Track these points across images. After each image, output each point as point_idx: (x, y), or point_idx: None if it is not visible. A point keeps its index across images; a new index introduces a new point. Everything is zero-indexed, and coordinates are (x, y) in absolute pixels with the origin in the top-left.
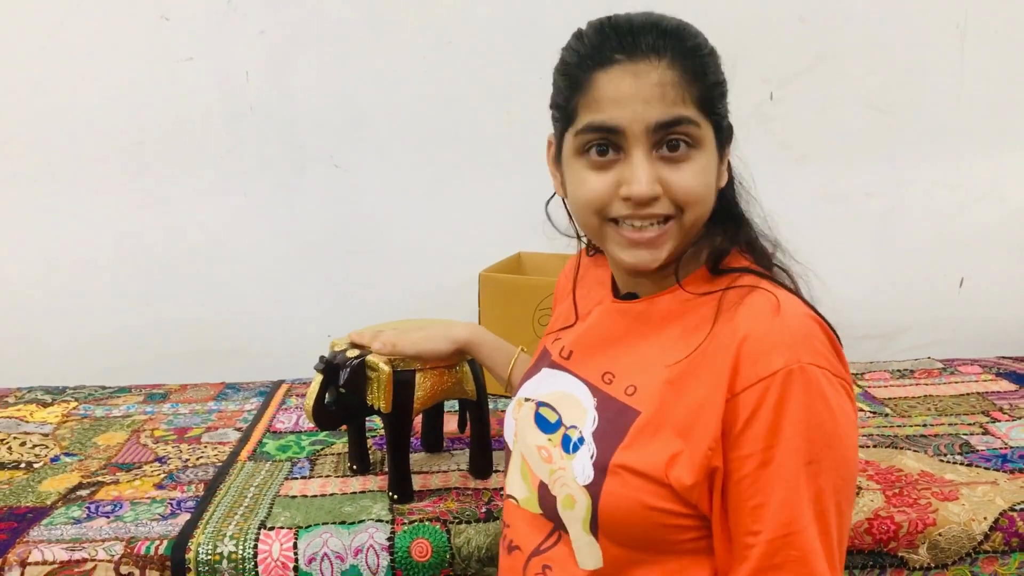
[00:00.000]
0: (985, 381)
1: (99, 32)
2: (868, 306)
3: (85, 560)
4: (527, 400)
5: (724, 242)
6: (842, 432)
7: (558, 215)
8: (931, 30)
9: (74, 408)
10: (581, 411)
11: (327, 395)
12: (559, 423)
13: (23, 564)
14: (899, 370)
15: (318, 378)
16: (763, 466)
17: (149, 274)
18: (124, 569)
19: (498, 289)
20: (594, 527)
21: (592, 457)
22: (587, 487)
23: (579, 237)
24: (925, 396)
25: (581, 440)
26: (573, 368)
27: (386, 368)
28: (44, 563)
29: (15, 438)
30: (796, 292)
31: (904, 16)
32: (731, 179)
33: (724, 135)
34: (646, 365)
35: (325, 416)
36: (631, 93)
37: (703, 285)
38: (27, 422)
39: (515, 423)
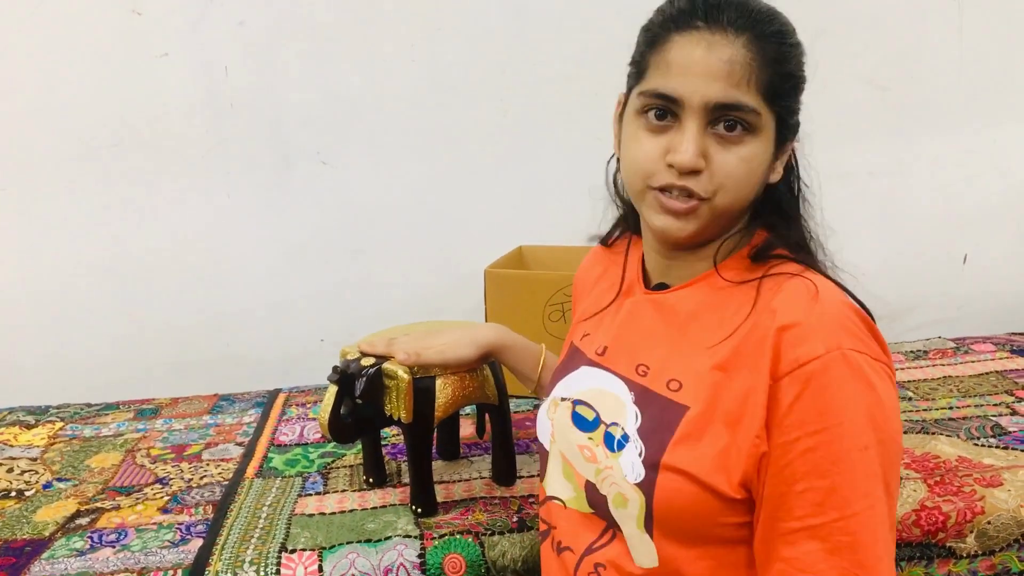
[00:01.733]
0: (1001, 359)
1: (67, 29)
2: (872, 285)
3: None
4: (563, 400)
5: (773, 239)
6: (889, 416)
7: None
8: (929, 4)
9: (60, 429)
10: (619, 406)
11: (343, 407)
12: (597, 420)
13: None
14: (912, 351)
15: (332, 390)
16: (810, 451)
17: (130, 282)
18: None
19: (505, 286)
20: (648, 524)
21: (640, 454)
22: (639, 485)
23: (620, 204)
24: (944, 377)
25: (626, 437)
26: (608, 364)
27: (405, 376)
28: None
29: (1, 464)
30: (835, 281)
31: None
32: (792, 178)
33: (788, 130)
34: (685, 356)
35: (342, 430)
36: (699, 64)
37: (739, 273)
38: (11, 446)
39: (551, 424)
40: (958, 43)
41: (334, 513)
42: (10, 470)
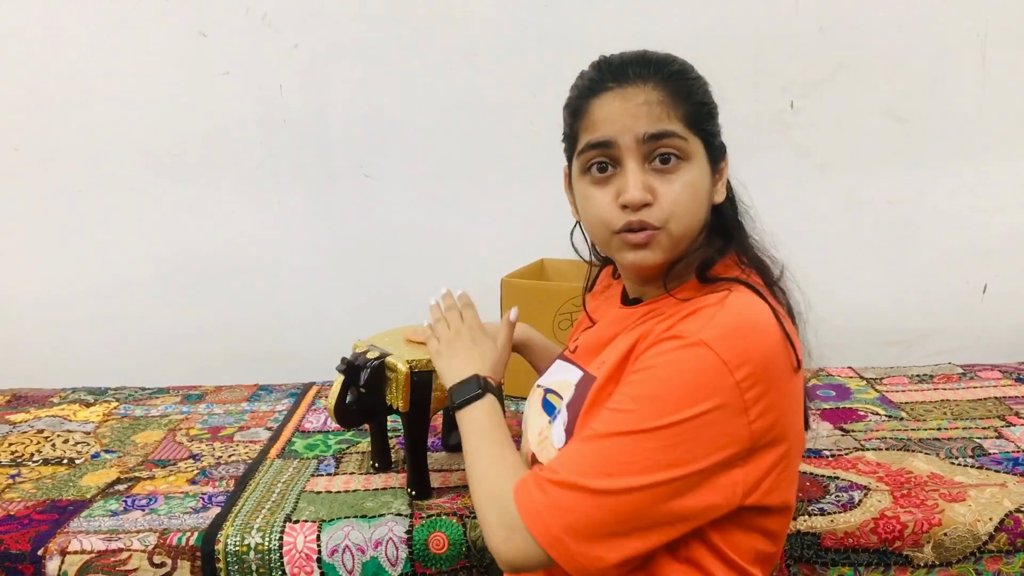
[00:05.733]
0: (1004, 386)
1: (140, 49)
2: (890, 312)
3: (121, 550)
4: (538, 387)
5: (714, 253)
6: (680, 400)
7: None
8: (952, 39)
9: (115, 408)
10: (570, 392)
11: (348, 395)
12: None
13: (63, 553)
14: (918, 375)
15: (340, 379)
16: (627, 385)
17: (188, 281)
18: (157, 559)
19: (520, 294)
20: None
21: (564, 423)
22: (561, 449)
23: (591, 262)
24: (942, 400)
25: (560, 411)
26: (575, 359)
27: (404, 369)
28: (83, 552)
29: (59, 436)
30: (780, 308)
31: (925, 25)
32: (730, 198)
33: (716, 153)
34: (619, 348)
35: (346, 415)
36: (620, 112)
37: (691, 293)
38: (70, 421)
39: (527, 407)
40: (981, 77)
41: (339, 492)
42: (66, 441)
